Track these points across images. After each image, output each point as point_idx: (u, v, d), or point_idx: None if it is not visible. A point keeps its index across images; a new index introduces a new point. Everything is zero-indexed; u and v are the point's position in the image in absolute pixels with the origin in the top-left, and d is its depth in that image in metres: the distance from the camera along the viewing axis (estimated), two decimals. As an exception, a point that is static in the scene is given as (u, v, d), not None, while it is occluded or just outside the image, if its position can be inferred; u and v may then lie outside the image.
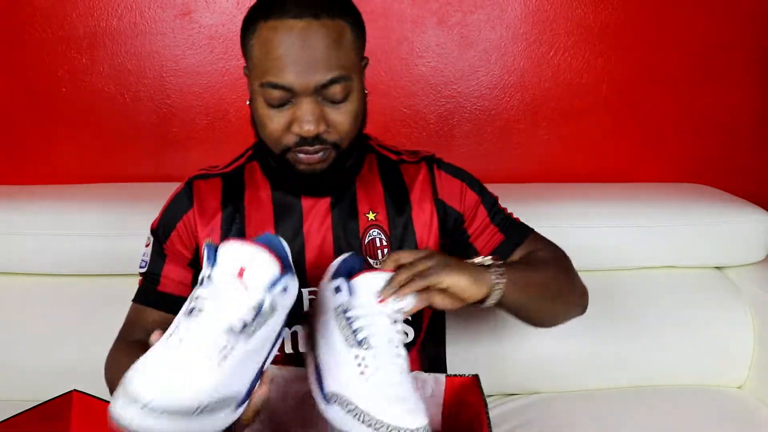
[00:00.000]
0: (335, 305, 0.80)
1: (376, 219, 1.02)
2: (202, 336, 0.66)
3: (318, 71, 0.87)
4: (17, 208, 1.39)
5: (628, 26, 1.61)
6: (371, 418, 0.72)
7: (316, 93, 0.88)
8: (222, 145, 1.59)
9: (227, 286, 0.69)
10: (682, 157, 1.72)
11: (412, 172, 1.06)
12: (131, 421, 0.60)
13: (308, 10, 0.87)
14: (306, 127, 0.88)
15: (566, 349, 1.39)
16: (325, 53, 0.87)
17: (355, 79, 0.91)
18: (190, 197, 1.03)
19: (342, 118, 0.91)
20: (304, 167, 0.93)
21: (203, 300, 0.68)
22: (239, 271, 0.69)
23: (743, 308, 1.44)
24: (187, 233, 1.02)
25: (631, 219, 1.46)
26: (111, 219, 1.37)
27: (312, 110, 0.88)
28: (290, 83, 0.87)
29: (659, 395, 1.37)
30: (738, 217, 1.48)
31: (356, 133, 0.95)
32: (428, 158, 1.08)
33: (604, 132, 1.68)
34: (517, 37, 1.60)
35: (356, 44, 0.92)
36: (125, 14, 1.51)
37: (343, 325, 0.79)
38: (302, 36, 0.86)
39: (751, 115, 1.71)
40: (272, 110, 0.90)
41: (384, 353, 0.77)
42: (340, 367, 0.77)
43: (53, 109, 1.55)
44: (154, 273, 1.03)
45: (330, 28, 0.87)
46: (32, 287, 1.38)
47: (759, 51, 1.67)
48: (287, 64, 0.86)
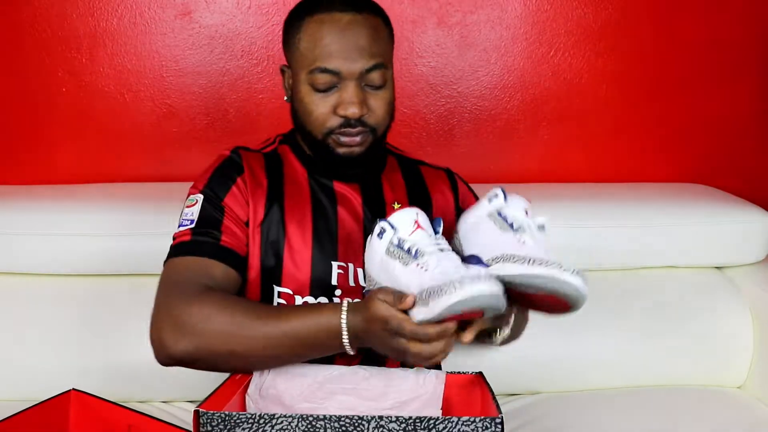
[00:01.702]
0: (492, 209, 0.96)
1: (401, 209, 1.04)
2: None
3: (362, 58, 0.98)
4: (17, 208, 1.39)
5: (628, 26, 1.61)
6: (542, 259, 0.87)
7: (359, 78, 0.98)
8: (222, 145, 1.57)
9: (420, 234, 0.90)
10: (682, 157, 1.72)
11: (433, 176, 1.17)
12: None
13: (352, 6, 0.99)
14: (351, 110, 0.98)
15: (566, 349, 1.39)
16: (367, 42, 0.98)
17: (390, 69, 1.02)
18: (240, 163, 1.07)
19: (380, 103, 1.01)
20: (343, 150, 1.02)
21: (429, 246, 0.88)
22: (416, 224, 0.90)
23: (743, 308, 1.44)
24: (241, 195, 1.05)
25: (631, 219, 1.46)
26: (111, 219, 1.37)
27: (357, 93, 0.98)
28: (338, 68, 0.97)
29: (659, 395, 1.37)
30: (738, 217, 1.48)
31: (389, 121, 1.05)
32: (446, 170, 1.19)
33: (604, 132, 1.68)
34: (517, 37, 1.61)
35: (389, 39, 1.04)
36: (125, 14, 1.51)
37: (497, 220, 0.95)
38: (348, 27, 0.98)
39: (751, 115, 1.71)
40: (318, 95, 0.99)
41: (534, 237, 0.92)
42: (498, 244, 0.91)
43: (53, 109, 1.55)
44: (212, 228, 1.00)
45: (370, 22, 1.00)
46: (32, 287, 1.38)
47: (759, 51, 1.67)
48: (335, 51, 0.97)
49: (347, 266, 1.05)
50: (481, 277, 0.81)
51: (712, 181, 1.69)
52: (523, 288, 0.85)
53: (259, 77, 1.56)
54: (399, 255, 0.89)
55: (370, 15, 1.00)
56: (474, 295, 0.79)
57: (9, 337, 1.31)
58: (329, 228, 1.06)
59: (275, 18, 1.53)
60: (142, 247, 1.35)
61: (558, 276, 0.84)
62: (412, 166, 1.17)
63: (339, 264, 1.05)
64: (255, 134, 1.58)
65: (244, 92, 1.57)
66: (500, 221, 0.95)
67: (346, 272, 1.05)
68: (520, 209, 0.96)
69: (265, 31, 1.54)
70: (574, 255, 1.44)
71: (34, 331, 1.32)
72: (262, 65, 1.56)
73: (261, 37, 1.54)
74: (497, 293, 0.81)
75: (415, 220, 0.91)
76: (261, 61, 1.55)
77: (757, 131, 1.73)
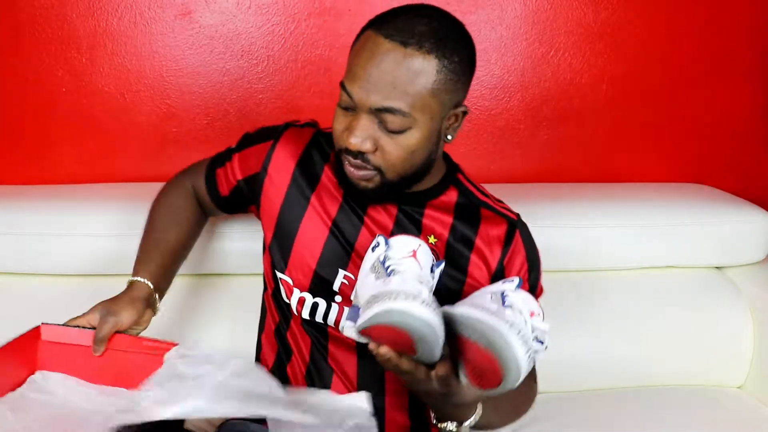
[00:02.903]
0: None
1: (435, 245, 1.01)
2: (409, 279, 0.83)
3: (377, 94, 0.88)
4: (17, 208, 1.39)
5: (628, 26, 1.61)
6: None
7: (372, 113, 0.90)
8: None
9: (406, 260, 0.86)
10: (682, 157, 1.72)
11: (490, 221, 1.04)
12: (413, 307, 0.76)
13: (401, 37, 0.87)
14: (351, 140, 0.90)
15: (566, 349, 1.39)
16: (392, 81, 0.87)
17: (419, 119, 0.89)
18: (276, 136, 1.08)
19: (392, 148, 0.91)
20: (348, 175, 0.96)
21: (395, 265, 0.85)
22: (413, 252, 0.86)
23: (743, 308, 1.44)
24: (251, 160, 1.09)
25: (631, 219, 1.46)
26: (111, 219, 1.37)
27: (364, 127, 0.90)
28: (353, 93, 0.90)
29: (659, 395, 1.37)
30: (738, 217, 1.48)
31: (408, 170, 0.94)
32: (511, 221, 1.05)
33: (604, 132, 1.68)
34: (517, 37, 1.60)
35: (440, 87, 0.89)
36: (125, 14, 1.51)
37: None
38: (381, 56, 0.88)
39: (751, 115, 1.71)
40: (341, 110, 0.94)
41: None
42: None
43: (53, 109, 1.55)
44: (223, 161, 1.14)
45: (411, 61, 0.87)
46: (32, 287, 1.38)
47: (759, 51, 1.67)
48: (358, 76, 0.89)
49: (355, 279, 1.01)
50: (419, 299, 0.77)
51: (712, 181, 1.69)
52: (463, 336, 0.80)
53: (259, 77, 1.56)
54: (377, 270, 0.85)
55: (418, 53, 0.87)
56: (400, 310, 0.75)
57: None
58: (348, 236, 1.02)
59: (275, 18, 1.53)
60: (142, 247, 1.35)
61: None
62: (472, 205, 1.05)
63: (346, 273, 1.02)
64: (255, 134, 1.58)
65: (244, 92, 1.57)
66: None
67: (351, 283, 1.01)
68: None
69: (265, 31, 1.54)
70: (573, 255, 1.45)
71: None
72: (262, 65, 1.56)
73: (261, 37, 1.54)
74: (427, 319, 0.75)
75: (414, 249, 0.87)
76: (261, 61, 1.55)
77: (757, 131, 1.73)
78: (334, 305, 1.02)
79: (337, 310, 1.02)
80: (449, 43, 0.89)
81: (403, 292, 0.78)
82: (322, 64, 1.55)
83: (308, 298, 1.03)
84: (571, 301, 1.42)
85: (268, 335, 1.13)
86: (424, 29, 0.88)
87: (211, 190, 1.16)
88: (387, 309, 0.76)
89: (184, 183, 1.19)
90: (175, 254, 1.10)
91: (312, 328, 1.05)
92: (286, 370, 1.09)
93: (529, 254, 1.05)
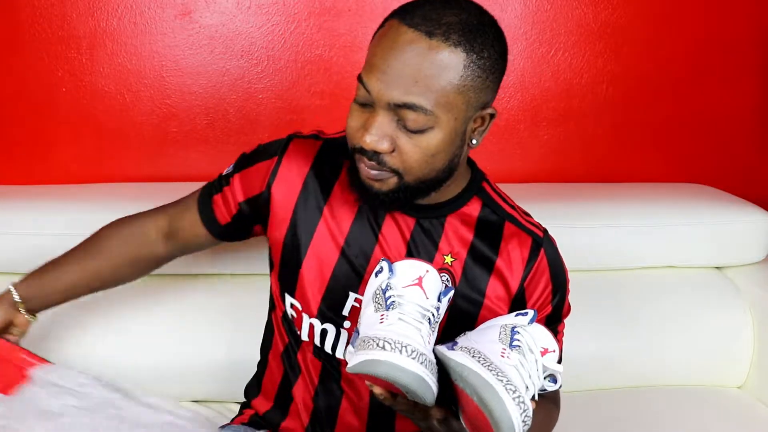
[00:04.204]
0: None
1: (451, 265, 0.95)
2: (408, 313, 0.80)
3: (397, 88, 0.80)
4: (17, 208, 1.39)
5: (628, 26, 1.61)
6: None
7: (390, 110, 0.81)
8: (222, 145, 1.59)
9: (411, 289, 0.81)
10: (682, 157, 1.72)
11: (514, 238, 0.96)
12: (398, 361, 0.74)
13: (427, 26, 0.79)
14: (367, 139, 0.82)
15: (566, 349, 1.38)
16: (414, 74, 0.79)
17: (442, 118, 0.82)
18: (280, 151, 0.99)
19: (411, 148, 0.83)
20: (363, 176, 0.87)
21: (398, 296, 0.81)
22: (418, 280, 0.82)
23: (743, 308, 1.44)
24: (254, 180, 1.00)
25: (631, 219, 1.46)
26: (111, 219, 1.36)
27: (380, 124, 0.82)
28: (370, 87, 0.82)
29: (659, 395, 1.37)
30: (738, 217, 1.48)
31: (428, 174, 0.86)
32: (537, 238, 0.97)
33: (604, 132, 1.68)
34: (517, 37, 1.60)
35: (466, 83, 0.81)
36: (125, 14, 1.51)
37: (378, 297, 0.82)
38: (402, 47, 0.79)
39: (751, 115, 1.71)
40: (357, 106, 0.85)
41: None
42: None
43: (53, 109, 1.55)
44: (217, 188, 1.05)
45: (437, 53, 0.79)
46: (32, 287, 1.37)
47: (759, 51, 1.67)
48: (377, 67, 0.81)
49: None
50: (408, 350, 0.74)
51: (712, 181, 1.69)
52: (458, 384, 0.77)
53: (259, 77, 1.56)
54: (378, 300, 0.80)
55: (445, 45, 0.79)
56: (386, 362, 0.73)
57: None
58: (360, 255, 0.95)
59: (275, 18, 1.53)
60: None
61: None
62: (497, 218, 0.97)
63: (357, 297, 0.95)
64: (255, 134, 1.58)
65: (244, 92, 1.57)
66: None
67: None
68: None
69: (265, 31, 1.54)
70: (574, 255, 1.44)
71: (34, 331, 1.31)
72: (262, 65, 1.56)
73: (261, 37, 1.54)
74: (413, 372, 0.73)
75: (420, 276, 0.81)
76: (261, 61, 1.55)
77: (757, 131, 1.73)
78: (343, 332, 0.97)
79: (346, 338, 0.97)
80: (479, 37, 0.81)
81: (392, 341, 0.74)
82: (322, 64, 1.55)
83: (317, 324, 0.97)
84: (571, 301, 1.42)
85: (276, 355, 1.08)
86: (453, 20, 0.80)
87: (208, 221, 1.05)
88: (372, 359, 0.74)
89: (144, 224, 1.10)
90: (66, 283, 1.09)
91: (323, 354, 1.00)
92: (292, 390, 1.05)
93: (554, 274, 0.98)
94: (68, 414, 0.99)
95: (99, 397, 1.04)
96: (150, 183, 1.55)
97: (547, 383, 0.85)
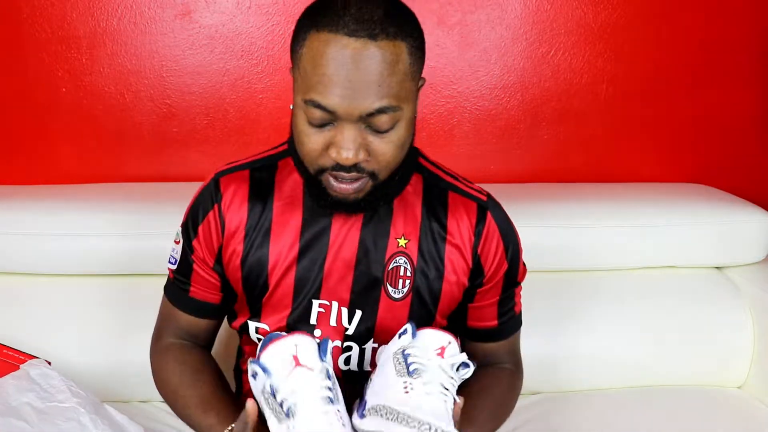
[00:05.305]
0: (397, 346, 0.84)
1: (406, 246, 0.97)
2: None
3: (366, 98, 0.80)
4: (17, 208, 1.39)
5: (628, 26, 1.61)
6: (408, 417, 0.75)
7: (360, 121, 0.82)
8: (222, 145, 1.59)
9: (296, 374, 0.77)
10: (682, 157, 1.72)
11: (459, 206, 0.98)
12: None
13: (366, 29, 0.79)
14: (344, 155, 0.82)
15: (566, 349, 1.39)
16: (377, 80, 0.79)
17: (405, 108, 0.83)
18: (214, 196, 0.97)
19: (385, 148, 0.84)
20: (336, 194, 0.87)
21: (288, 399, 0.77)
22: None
23: (743, 308, 1.44)
24: (210, 236, 0.97)
25: (631, 219, 1.46)
26: (111, 219, 1.37)
27: (353, 137, 0.82)
28: (334, 107, 0.80)
29: (659, 395, 1.37)
30: (738, 217, 1.48)
31: (398, 164, 0.88)
32: (481, 202, 0.99)
33: (604, 132, 1.68)
34: (517, 37, 1.60)
35: (413, 68, 0.83)
36: (125, 14, 1.51)
37: (399, 360, 0.81)
38: (354, 58, 0.79)
39: (751, 115, 1.71)
40: (312, 129, 0.84)
41: (433, 383, 0.79)
42: (387, 389, 0.81)
43: (53, 109, 1.55)
44: (184, 277, 1.01)
45: (387, 52, 0.80)
46: (32, 287, 1.38)
47: (759, 51, 1.67)
48: (334, 86, 0.79)
49: (330, 304, 0.97)
50: None
51: (712, 181, 1.69)
52: None
53: (259, 77, 1.56)
54: (399, 361, 0.80)
55: (389, 41, 0.79)
56: None
57: (8, 337, 1.31)
58: (316, 259, 0.96)
59: (275, 18, 1.53)
60: (142, 247, 1.35)
61: None
62: (439, 191, 0.99)
63: (320, 302, 0.97)
64: (255, 134, 1.58)
65: (244, 92, 1.57)
66: (400, 363, 0.82)
67: (327, 311, 0.97)
68: (430, 348, 0.83)
69: (265, 31, 1.54)
70: (573, 255, 1.45)
71: (34, 331, 1.32)
72: (262, 65, 1.56)
73: (261, 37, 1.54)
74: None
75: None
76: (261, 61, 1.55)
77: (757, 131, 1.73)
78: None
79: None
80: (405, 20, 0.83)
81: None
82: (322, 64, 1.55)
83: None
84: (571, 301, 1.42)
85: None
86: (381, 14, 0.80)
87: (201, 315, 1.03)
88: None
89: (159, 342, 1.05)
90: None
91: None
92: None
93: (504, 234, 0.99)
94: (22, 411, 1.03)
95: (65, 402, 1.07)
96: (150, 183, 1.55)
97: (462, 373, 0.85)
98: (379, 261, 0.96)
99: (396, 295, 0.97)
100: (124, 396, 1.30)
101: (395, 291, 0.97)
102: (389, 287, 0.97)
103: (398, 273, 0.97)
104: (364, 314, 0.97)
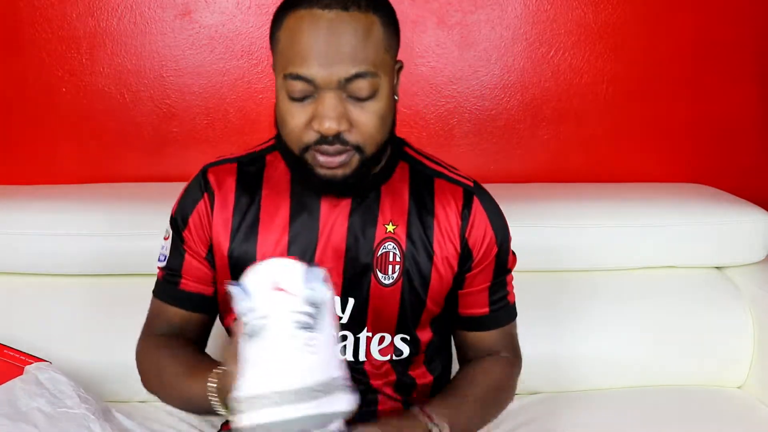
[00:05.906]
0: None
1: (394, 232, 0.97)
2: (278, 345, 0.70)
3: (343, 64, 0.83)
4: (17, 208, 1.39)
5: (628, 26, 1.61)
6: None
7: (339, 88, 0.84)
8: (222, 145, 1.59)
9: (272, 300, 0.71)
10: (682, 157, 1.72)
11: (445, 192, 0.99)
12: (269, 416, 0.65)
13: (339, 2, 0.83)
14: (326, 124, 0.84)
15: (566, 349, 1.39)
16: (352, 46, 0.83)
17: (383, 77, 0.86)
18: (203, 186, 0.99)
19: (366, 117, 0.86)
20: (324, 171, 0.88)
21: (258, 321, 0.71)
22: (275, 287, 0.72)
23: (743, 308, 1.44)
24: (201, 226, 0.98)
25: (631, 219, 1.46)
26: (111, 219, 1.37)
27: (334, 106, 0.84)
28: (313, 75, 0.83)
29: (659, 395, 1.37)
30: (738, 217, 1.48)
31: (382, 138, 0.89)
32: (467, 188, 1.00)
33: (604, 132, 1.68)
34: (517, 37, 1.61)
35: (387, 42, 0.87)
36: (125, 14, 1.51)
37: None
38: (329, 27, 0.83)
39: (751, 115, 1.71)
40: (294, 104, 0.87)
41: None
42: None
43: (53, 109, 1.55)
44: (174, 270, 1.01)
45: (359, 21, 0.84)
46: (32, 287, 1.38)
47: (759, 51, 1.67)
48: (311, 55, 0.83)
49: None
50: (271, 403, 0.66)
51: (712, 181, 1.69)
52: None
53: (259, 77, 1.56)
54: (244, 329, 0.71)
55: (361, 13, 0.84)
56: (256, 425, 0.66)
57: (8, 337, 1.31)
58: (306, 250, 0.96)
59: (275, 18, 1.53)
60: (141, 247, 1.34)
61: None
62: (425, 178, 1.00)
63: None
64: (255, 134, 1.58)
65: (244, 92, 1.57)
66: None
67: None
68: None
69: (265, 31, 1.53)
70: (574, 255, 1.45)
71: (34, 331, 1.32)
72: (262, 65, 1.56)
73: (261, 37, 1.54)
74: (294, 419, 0.66)
75: (275, 279, 0.72)
76: (261, 61, 1.55)
77: (757, 131, 1.73)
78: None
79: None
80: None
81: (252, 397, 0.67)
82: (322, 64, 1.55)
83: None
84: (571, 300, 1.42)
85: None
86: None
87: (192, 308, 1.01)
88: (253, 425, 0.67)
89: (148, 339, 1.04)
90: None
91: None
92: None
93: (492, 219, 1.00)
94: (32, 417, 1.02)
95: (75, 408, 1.07)
96: (150, 183, 1.56)
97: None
98: (368, 248, 0.97)
99: (386, 281, 0.97)
100: (123, 396, 1.30)
101: (385, 277, 0.98)
102: (379, 273, 0.97)
103: (387, 259, 0.97)
104: (357, 302, 0.98)
